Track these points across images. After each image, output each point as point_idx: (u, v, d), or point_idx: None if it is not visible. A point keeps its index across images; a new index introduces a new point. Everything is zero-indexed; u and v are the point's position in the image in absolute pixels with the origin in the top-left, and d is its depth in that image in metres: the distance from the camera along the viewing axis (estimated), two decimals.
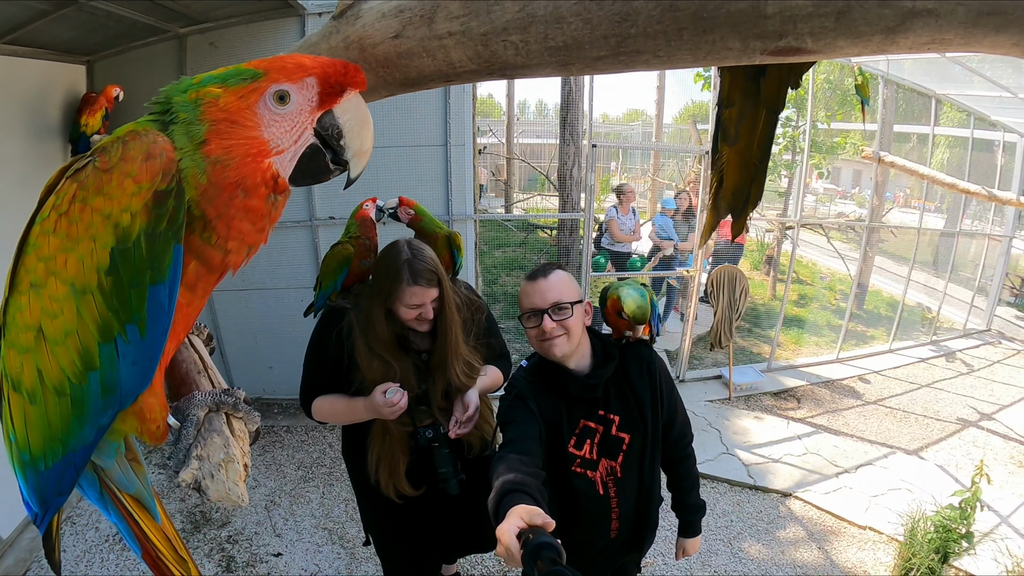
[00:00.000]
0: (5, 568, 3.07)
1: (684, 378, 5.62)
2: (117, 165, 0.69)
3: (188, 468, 0.80)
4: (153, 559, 0.88)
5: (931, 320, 7.46)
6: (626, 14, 0.85)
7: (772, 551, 3.40)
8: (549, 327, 1.66)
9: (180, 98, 0.74)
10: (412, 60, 1.01)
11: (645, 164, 15.97)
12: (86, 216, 0.68)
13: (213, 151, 0.72)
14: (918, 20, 0.77)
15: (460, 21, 0.94)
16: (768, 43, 0.83)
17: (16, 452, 0.78)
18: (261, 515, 3.60)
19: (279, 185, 0.76)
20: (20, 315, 0.71)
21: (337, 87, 0.78)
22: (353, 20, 1.05)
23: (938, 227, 8.74)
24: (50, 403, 0.72)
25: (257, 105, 0.75)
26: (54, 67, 3.79)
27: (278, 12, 4.01)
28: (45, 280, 0.70)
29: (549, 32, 0.90)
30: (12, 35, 3.14)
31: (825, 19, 0.79)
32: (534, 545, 0.98)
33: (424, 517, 2.03)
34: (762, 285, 9.05)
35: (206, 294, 0.80)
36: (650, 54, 0.89)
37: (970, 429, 4.97)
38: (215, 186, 0.72)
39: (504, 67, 0.98)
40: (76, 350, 0.70)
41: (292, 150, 0.77)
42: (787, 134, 8.15)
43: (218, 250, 0.75)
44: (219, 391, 0.88)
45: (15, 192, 3.43)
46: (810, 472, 4.18)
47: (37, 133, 3.63)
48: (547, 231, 10.01)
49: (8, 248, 0.74)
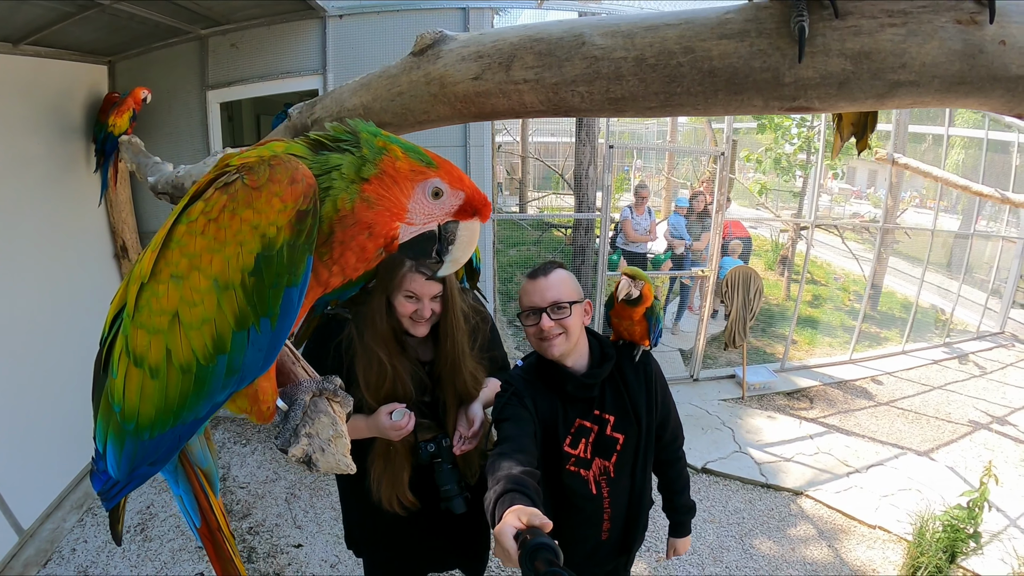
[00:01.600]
0: (26, 558, 3.14)
1: (698, 377, 5.65)
2: (266, 185, 0.80)
3: (298, 444, 0.91)
4: (211, 531, 0.98)
5: (944, 322, 7.42)
6: (673, 77, 1.05)
7: (783, 548, 3.44)
8: (547, 326, 1.66)
9: (370, 139, 0.88)
10: (489, 99, 1.19)
11: (660, 163, 15.89)
12: (235, 224, 0.79)
13: (370, 192, 0.85)
14: (902, 89, 0.96)
15: (534, 71, 1.12)
16: (784, 103, 1.04)
17: (117, 422, 0.86)
18: (282, 507, 3.69)
19: (393, 246, 0.90)
20: (156, 300, 0.81)
21: (471, 210, 0.94)
22: (434, 59, 1.22)
23: (953, 228, 8.67)
24: (172, 379, 0.82)
25: (418, 184, 0.89)
26: (77, 67, 3.87)
27: (299, 14, 4.08)
28: (188, 273, 0.80)
29: (610, 87, 1.09)
30: (36, 36, 3.21)
31: (829, 88, 0.99)
32: (532, 546, 0.99)
33: (423, 533, 1.95)
34: (776, 285, 9.04)
35: (311, 302, 0.92)
36: (690, 107, 1.10)
37: (981, 431, 4.96)
38: (354, 216, 0.85)
39: (569, 109, 1.17)
40: (210, 335, 0.81)
41: (417, 229, 0.92)
42: (802, 134, 8.12)
43: (326, 268, 0.87)
44: (320, 379, 1.00)
45: (39, 188, 3.54)
46: (821, 471, 4.21)
47: (60, 132, 3.72)
48: (562, 230, 10.04)
49: (37, 241, 0.81)
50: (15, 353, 3.25)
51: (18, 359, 3.26)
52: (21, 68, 3.29)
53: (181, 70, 4.32)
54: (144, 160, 2.88)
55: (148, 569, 3.15)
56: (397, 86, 1.28)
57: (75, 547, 3.28)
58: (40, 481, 3.39)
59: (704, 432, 4.70)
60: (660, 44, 1.04)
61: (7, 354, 3.19)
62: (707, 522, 3.65)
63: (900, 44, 0.93)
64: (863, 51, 0.95)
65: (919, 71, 0.93)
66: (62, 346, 3.49)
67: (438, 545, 2.01)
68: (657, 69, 1.05)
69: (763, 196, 8.90)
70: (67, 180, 3.81)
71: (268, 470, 4.09)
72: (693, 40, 1.03)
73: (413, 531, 1.92)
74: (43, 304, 3.46)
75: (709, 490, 4.01)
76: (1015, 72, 0.89)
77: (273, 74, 4.30)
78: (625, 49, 1.06)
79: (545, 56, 1.11)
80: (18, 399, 3.23)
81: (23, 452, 3.23)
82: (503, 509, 1.14)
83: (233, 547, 1.01)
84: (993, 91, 0.92)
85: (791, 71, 0.99)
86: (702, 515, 3.71)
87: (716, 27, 1.03)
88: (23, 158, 3.37)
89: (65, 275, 3.69)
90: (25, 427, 3.25)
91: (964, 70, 0.91)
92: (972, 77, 0.92)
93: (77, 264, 3.86)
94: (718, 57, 1.02)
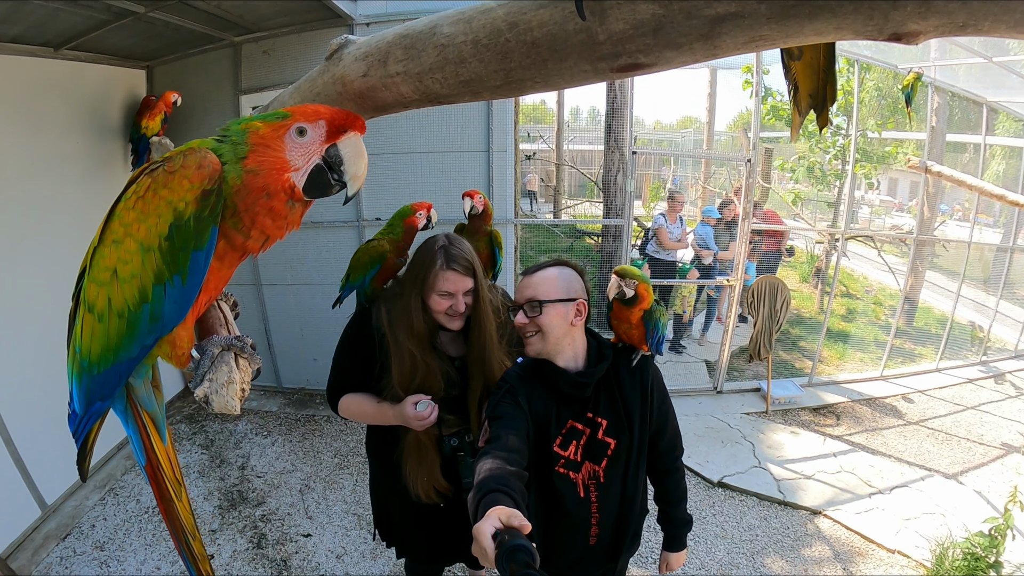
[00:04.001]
0: (47, 531, 3.33)
1: (722, 389, 5.56)
2: (179, 170, 0.97)
3: (201, 387, 1.08)
4: (154, 470, 1.15)
5: (981, 339, 7.13)
6: (505, 53, 1.10)
7: (795, 568, 3.35)
8: (520, 323, 1.68)
9: (236, 127, 1.03)
10: (377, 93, 1.30)
11: (696, 172, 15.68)
12: (155, 201, 0.97)
13: (250, 164, 1.00)
14: (727, 24, 0.88)
15: (403, 64, 1.22)
16: (611, 63, 1.03)
17: (77, 360, 1.06)
18: (295, 498, 3.79)
19: (296, 193, 1.03)
20: (103, 260, 1.01)
21: (340, 128, 1.05)
22: (337, 61, 1.35)
23: (993, 241, 8.33)
24: (112, 323, 1.01)
25: (284, 136, 1.02)
26: (116, 71, 4.06)
27: (327, 22, 4.19)
28: (123, 239, 0.99)
29: (458, 71, 1.17)
30: (76, 41, 3.39)
31: (646, 38, 0.96)
32: (509, 547, 1.00)
33: (446, 523, 2.04)
34: (810, 298, 8.83)
35: (232, 266, 1.08)
36: (531, 81, 1.14)
37: (1014, 455, 4.76)
38: (247, 188, 1.00)
39: (437, 97, 1.26)
40: (137, 287, 0.99)
41: (304, 169, 1.04)
42: (836, 143, 7.92)
43: (241, 234, 1.03)
44: (232, 336, 1.16)
45: (78, 185, 3.72)
46: (842, 491, 4.09)
47: (99, 133, 3.91)
48: (593, 237, 10.03)
49: (77, 230, 0.99)
50: (48, 339, 3.38)
51: (50, 345, 3.37)
52: (61, 72, 3.48)
53: (216, 75, 4.49)
54: None
55: (161, 548, 3.29)
56: (315, 88, 1.40)
57: (95, 523, 3.45)
58: (65, 459, 3.48)
59: (723, 445, 4.62)
60: (491, 24, 1.09)
61: (40, 340, 3.36)
62: (719, 537, 3.59)
63: None
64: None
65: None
66: None
67: (460, 534, 2.07)
68: (491, 48, 1.11)
69: (797, 206, 8.71)
70: (105, 178, 3.99)
71: (286, 461, 4.20)
72: (516, 15, 1.06)
73: (436, 521, 2.03)
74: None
75: (723, 505, 3.93)
76: None
77: None
78: (464, 34, 1.13)
79: (409, 49, 1.21)
80: (48, 383, 3.38)
81: (51, 431, 3.39)
82: (485, 509, 1.15)
83: (177, 489, 1.17)
84: (841, 6, 0.79)
85: (603, 28, 0.97)
86: (714, 530, 3.65)
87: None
88: (63, 156, 3.56)
89: None
90: (54, 410, 3.38)
91: None
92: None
93: None
94: (537, 27, 1.04)
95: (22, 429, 3.25)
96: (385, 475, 2.05)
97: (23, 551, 3.16)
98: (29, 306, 3.32)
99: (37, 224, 3.38)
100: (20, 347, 3.27)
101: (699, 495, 4.01)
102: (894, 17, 0.78)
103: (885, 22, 0.79)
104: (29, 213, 3.33)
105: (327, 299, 4.83)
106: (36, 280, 3.36)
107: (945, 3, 0.75)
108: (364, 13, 4.23)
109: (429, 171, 4.52)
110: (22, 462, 3.24)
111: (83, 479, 1.25)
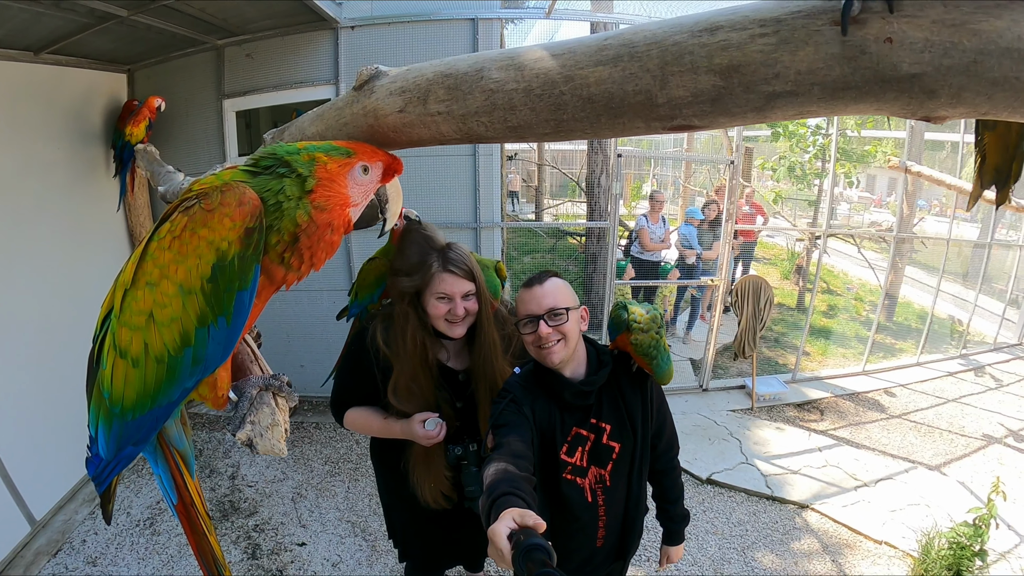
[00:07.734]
0: (38, 548, 3.26)
1: (708, 387, 5.62)
2: (218, 208, 0.95)
3: (243, 430, 1.07)
4: (186, 507, 1.12)
5: (961, 333, 7.30)
6: (559, 105, 1.11)
7: (785, 562, 3.41)
8: (545, 333, 1.66)
9: (297, 158, 1.03)
10: (413, 129, 1.28)
11: (677, 172, 15.77)
12: (195, 240, 0.95)
13: (317, 199, 1.01)
14: (780, 100, 0.94)
15: (445, 104, 1.22)
16: (664, 123, 1.06)
17: (107, 406, 1.02)
18: (288, 506, 3.76)
19: (348, 228, 1.08)
20: (136, 303, 0.98)
21: (391, 171, 1.14)
22: (369, 93, 1.33)
23: (971, 237, 8.50)
24: (150, 368, 0.98)
25: (348, 173, 1.07)
26: (97, 76, 4.00)
27: (312, 25, 4.17)
28: (159, 281, 0.96)
29: (507, 116, 1.17)
30: (57, 45, 3.34)
31: (703, 105, 0.99)
32: (525, 546, 1.00)
33: (450, 529, 2.07)
34: (791, 295, 8.95)
35: (266, 299, 1.08)
36: (580, 131, 1.16)
37: (995, 446, 4.87)
38: (315, 224, 1.01)
39: (478, 138, 1.26)
40: (178, 331, 0.96)
41: (361, 205, 1.10)
42: (816, 142, 8.04)
43: (284, 267, 1.02)
44: (269, 376, 1.15)
45: (60, 193, 3.65)
46: (829, 484, 4.16)
47: (81, 138, 3.84)
48: (576, 238, 10.07)
49: (55, 244, 0.94)
50: (35, 350, 3.37)
51: (38, 356, 3.38)
52: (42, 76, 3.41)
53: (198, 79, 4.44)
54: (158, 169, 2.96)
55: (155, 561, 3.24)
56: (343, 117, 1.38)
57: (85, 538, 3.38)
58: (54, 474, 3.50)
59: (711, 443, 4.68)
60: (545, 75, 1.10)
61: (28, 351, 3.31)
62: (710, 533, 3.64)
63: (771, 54, 0.90)
64: (731, 65, 0.93)
65: (795, 80, 0.90)
66: (80, 344, 3.56)
67: (463, 539, 2.13)
68: (544, 98, 1.11)
69: (778, 204, 8.83)
70: (87, 184, 3.93)
71: (276, 470, 4.17)
72: (573, 69, 1.07)
73: (442, 527, 2.06)
74: (63, 303, 3.57)
75: (713, 501, 3.98)
76: (907, 71, 0.82)
77: (287, 84, 4.38)
78: (516, 81, 1.13)
79: (453, 90, 1.20)
80: (36, 395, 3.34)
81: (39, 446, 3.35)
82: (498, 511, 1.15)
83: (208, 524, 1.14)
84: (885, 94, 0.87)
85: (663, 92, 1.00)
86: (704, 526, 3.70)
87: (595, 54, 1.05)
88: (44, 163, 3.49)
89: (83, 276, 3.80)
90: (42, 422, 3.37)
91: (847, 74, 0.86)
92: (857, 81, 0.86)
93: (95, 265, 3.96)
94: (595, 83, 1.05)
95: (8, 443, 3.18)
96: (392, 480, 2.06)
97: (14, 568, 3.09)
98: (14, 318, 3.25)
99: (19, 232, 3.30)
100: (5, 359, 3.20)
101: (689, 492, 4.02)
102: (928, 105, 0.86)
103: (920, 108, 0.87)
104: (10, 220, 3.26)
105: (313, 305, 4.84)
106: (19, 291, 3.29)
107: (973, 96, 0.83)
108: (349, 16, 4.21)
109: (415, 175, 4.48)
110: (9, 478, 3.16)
111: (107, 521, 1.26)
